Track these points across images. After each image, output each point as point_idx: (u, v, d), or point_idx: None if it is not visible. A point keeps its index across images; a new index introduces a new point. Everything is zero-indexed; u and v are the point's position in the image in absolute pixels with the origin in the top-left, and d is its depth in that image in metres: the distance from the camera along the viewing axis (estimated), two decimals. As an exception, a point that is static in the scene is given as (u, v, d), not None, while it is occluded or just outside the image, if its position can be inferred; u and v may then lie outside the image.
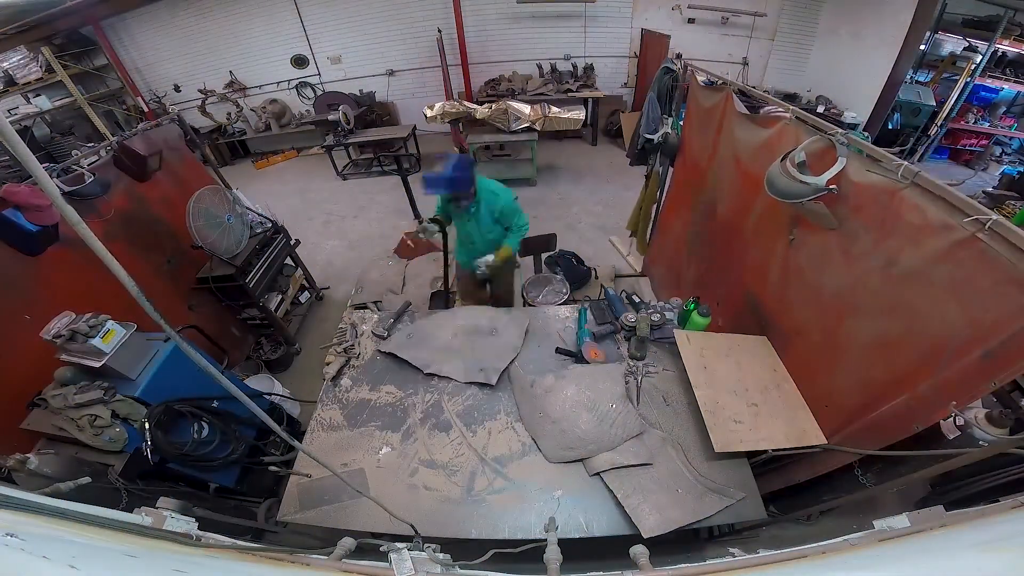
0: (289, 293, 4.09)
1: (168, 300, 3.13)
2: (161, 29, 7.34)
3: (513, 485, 1.86)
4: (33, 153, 0.58)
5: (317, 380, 2.43)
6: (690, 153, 3.23)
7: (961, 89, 5.92)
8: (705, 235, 3.02)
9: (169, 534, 1.03)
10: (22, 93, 6.70)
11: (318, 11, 7.34)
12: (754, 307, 2.37)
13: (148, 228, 3.09)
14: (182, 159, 3.55)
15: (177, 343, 0.78)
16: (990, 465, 1.56)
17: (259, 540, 2.41)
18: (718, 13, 6.98)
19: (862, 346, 1.67)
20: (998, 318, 1.19)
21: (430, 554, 1.11)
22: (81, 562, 0.65)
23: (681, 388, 2.16)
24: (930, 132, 6.23)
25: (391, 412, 2.18)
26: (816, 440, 1.84)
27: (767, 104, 2.45)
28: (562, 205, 5.98)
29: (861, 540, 1.05)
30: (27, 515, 0.76)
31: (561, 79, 7.61)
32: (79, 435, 1.85)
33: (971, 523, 0.98)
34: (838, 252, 1.76)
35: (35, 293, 2.32)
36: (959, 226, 1.28)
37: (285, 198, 6.78)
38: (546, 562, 1.19)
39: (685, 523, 1.65)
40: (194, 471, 2.21)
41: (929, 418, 1.43)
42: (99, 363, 1.94)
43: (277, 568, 1.03)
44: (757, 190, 2.03)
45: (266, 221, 3.75)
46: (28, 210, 2.23)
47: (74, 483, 1.53)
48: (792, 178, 1.71)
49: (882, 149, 1.58)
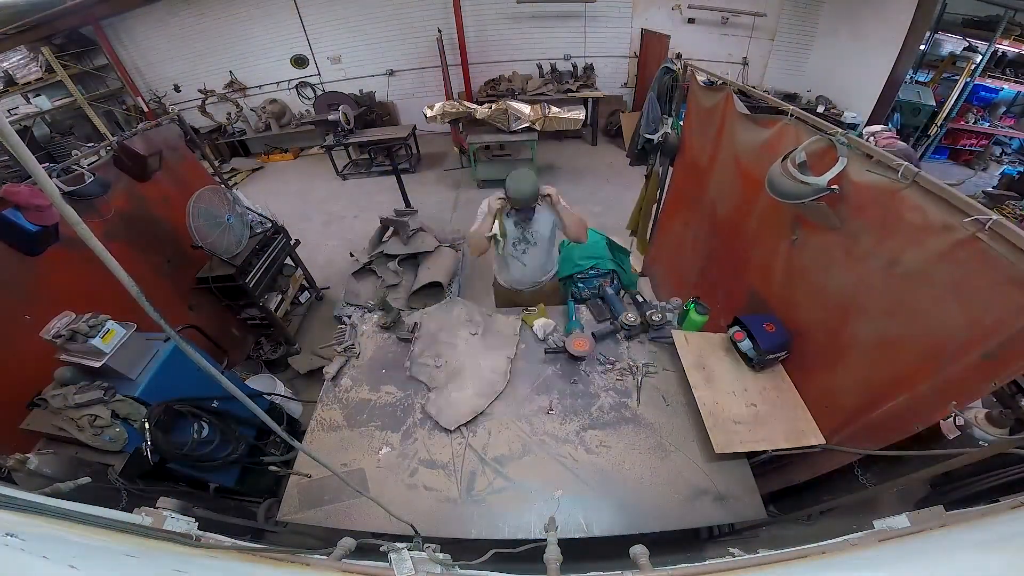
0: (289, 293, 4.09)
1: (168, 300, 3.13)
2: (161, 29, 7.34)
3: (513, 485, 1.86)
4: (33, 153, 0.58)
5: (317, 380, 2.43)
6: (690, 153, 3.23)
7: (961, 89, 5.92)
8: (706, 235, 3.02)
9: (169, 534, 1.03)
10: (22, 93, 6.70)
11: (318, 11, 7.34)
12: (757, 308, 2.37)
13: (148, 228, 3.10)
14: (182, 159, 3.55)
15: (177, 343, 0.77)
16: (990, 465, 1.56)
17: (259, 540, 2.42)
18: (718, 13, 6.99)
19: (863, 346, 1.67)
20: (998, 318, 1.19)
21: (430, 554, 1.11)
22: (81, 562, 0.65)
23: (681, 388, 2.16)
24: (930, 132, 6.23)
25: (391, 412, 2.18)
26: (815, 440, 1.84)
27: (767, 104, 2.45)
28: (562, 205, 5.98)
29: (861, 540, 1.05)
30: (27, 515, 0.76)
31: (561, 79, 7.61)
32: (79, 435, 1.84)
33: (971, 523, 0.98)
34: (840, 252, 1.76)
35: (35, 293, 2.32)
36: (959, 226, 1.28)
37: (285, 198, 6.79)
38: (546, 562, 1.19)
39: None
40: (194, 471, 2.21)
41: (929, 418, 1.43)
42: (99, 363, 1.94)
43: (277, 568, 1.03)
44: (758, 190, 2.03)
45: (266, 221, 3.75)
46: (28, 210, 2.23)
47: (74, 483, 1.53)
48: (793, 179, 1.72)
49: (882, 149, 1.58)
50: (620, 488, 1.82)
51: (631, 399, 2.14)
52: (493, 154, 6.59)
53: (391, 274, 3.74)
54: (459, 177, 7.10)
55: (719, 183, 2.76)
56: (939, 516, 1.03)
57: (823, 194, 1.67)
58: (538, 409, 2.13)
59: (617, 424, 2.05)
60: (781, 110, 2.12)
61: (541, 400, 2.17)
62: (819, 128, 1.82)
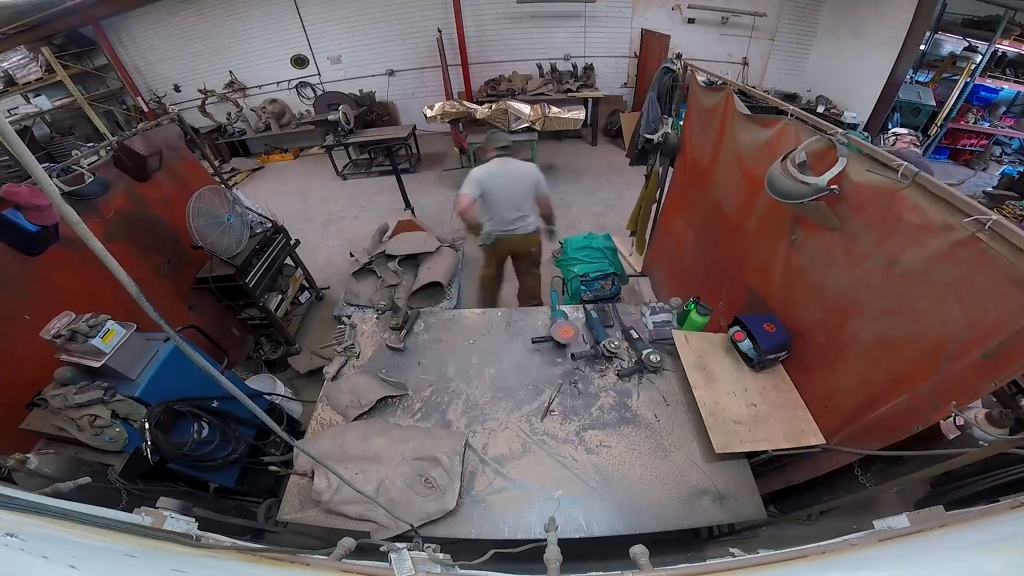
0: (289, 293, 4.08)
1: (168, 300, 3.13)
2: (161, 29, 7.34)
3: (513, 485, 1.85)
4: (33, 153, 0.58)
5: (317, 380, 2.43)
6: (690, 153, 3.23)
7: (961, 89, 5.93)
8: (706, 235, 3.02)
9: (169, 534, 1.03)
10: (22, 93, 6.70)
11: (318, 11, 7.34)
12: (756, 307, 2.36)
13: (148, 228, 3.09)
14: (182, 159, 3.55)
15: (176, 343, 0.77)
16: (990, 465, 1.56)
17: (259, 540, 2.42)
18: (718, 13, 6.99)
19: (863, 346, 1.67)
20: (998, 318, 1.19)
21: (430, 554, 1.11)
22: (81, 562, 0.65)
23: (681, 388, 2.16)
24: (930, 132, 6.23)
25: (390, 412, 2.18)
26: (815, 440, 1.84)
27: (768, 104, 2.45)
28: (562, 205, 5.97)
29: (861, 540, 1.05)
30: (27, 515, 0.76)
31: (561, 79, 7.61)
32: (79, 435, 1.85)
33: (971, 523, 0.98)
34: (840, 252, 1.76)
35: (35, 293, 2.32)
36: (959, 226, 1.28)
37: (285, 198, 6.78)
38: (546, 562, 1.19)
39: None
40: (194, 471, 2.21)
41: (929, 418, 1.43)
42: (99, 363, 1.94)
43: (277, 568, 1.03)
44: (758, 190, 2.03)
45: (266, 221, 3.75)
46: (28, 210, 2.23)
47: (74, 483, 1.53)
48: (793, 178, 1.71)
49: (882, 149, 1.58)
50: (620, 488, 1.82)
51: (632, 398, 2.14)
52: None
53: (391, 274, 3.73)
54: (459, 177, 7.04)
55: (719, 183, 2.76)
56: (939, 516, 1.03)
57: (823, 194, 1.67)
58: (538, 409, 2.13)
59: (617, 424, 2.05)
60: (781, 110, 2.12)
61: (541, 399, 2.17)
62: (819, 128, 1.82)
